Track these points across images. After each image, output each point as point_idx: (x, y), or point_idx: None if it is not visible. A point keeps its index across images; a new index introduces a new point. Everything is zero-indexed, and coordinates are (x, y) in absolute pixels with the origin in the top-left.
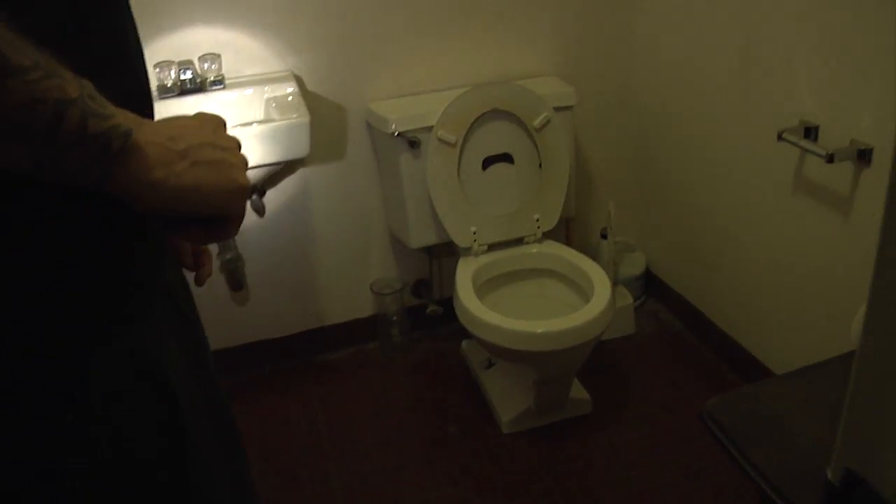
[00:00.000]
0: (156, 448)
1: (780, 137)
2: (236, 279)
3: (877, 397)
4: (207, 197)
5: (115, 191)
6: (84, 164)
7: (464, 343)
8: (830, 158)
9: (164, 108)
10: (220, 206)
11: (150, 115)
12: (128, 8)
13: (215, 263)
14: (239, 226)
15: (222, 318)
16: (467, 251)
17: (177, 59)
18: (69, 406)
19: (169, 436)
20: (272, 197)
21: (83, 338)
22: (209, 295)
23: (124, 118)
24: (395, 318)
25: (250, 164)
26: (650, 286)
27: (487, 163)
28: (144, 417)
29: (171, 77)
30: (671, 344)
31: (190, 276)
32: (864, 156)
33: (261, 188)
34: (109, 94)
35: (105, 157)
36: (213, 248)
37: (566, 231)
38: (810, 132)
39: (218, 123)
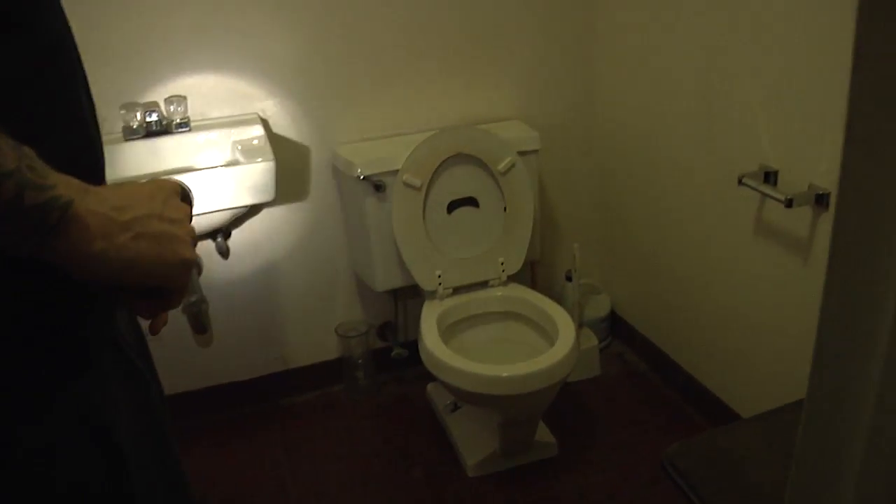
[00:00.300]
0: (99, 500)
1: (740, 182)
2: (200, 322)
3: (823, 453)
4: (148, 270)
5: (52, 259)
6: (20, 234)
7: (429, 386)
8: (789, 203)
9: (130, 150)
10: (162, 279)
11: (101, 173)
12: (79, 65)
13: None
14: (180, 299)
15: (186, 360)
16: (432, 294)
17: (142, 101)
18: (8, 459)
19: (113, 486)
20: (237, 239)
21: (25, 391)
22: (173, 338)
23: (66, 188)
24: (360, 360)
25: (216, 208)
26: (615, 328)
27: (453, 206)
28: (87, 469)
29: (136, 119)
30: (637, 385)
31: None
32: (821, 200)
33: (226, 230)
34: (60, 153)
35: (41, 229)
36: None
37: (531, 274)
38: (770, 177)
39: (170, 192)
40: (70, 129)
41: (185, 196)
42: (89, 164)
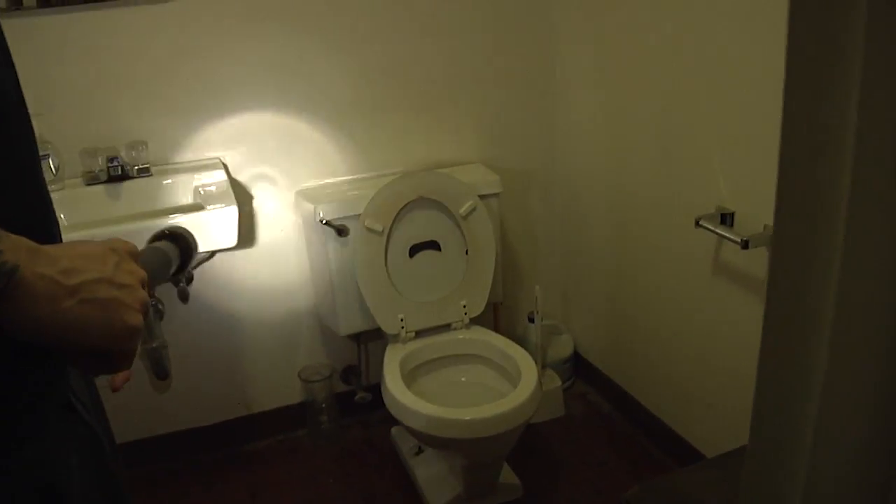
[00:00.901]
0: None
1: (697, 224)
2: (161, 367)
3: (766, 497)
4: (92, 335)
5: None
6: None
7: (393, 429)
8: (745, 244)
9: (92, 195)
10: (108, 344)
11: (58, 233)
12: (26, 119)
13: (138, 351)
14: (129, 363)
15: (147, 406)
16: (395, 338)
17: (103, 146)
18: None
19: None
20: (199, 282)
21: None
22: (132, 383)
23: (14, 252)
24: (324, 404)
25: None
26: (578, 369)
27: (414, 250)
28: None
29: (97, 164)
30: (600, 426)
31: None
32: None
33: (188, 275)
34: (16, 213)
35: None
36: None
37: (494, 316)
38: (726, 218)
39: (123, 255)
40: (24, 189)
41: (142, 256)
42: (44, 223)
